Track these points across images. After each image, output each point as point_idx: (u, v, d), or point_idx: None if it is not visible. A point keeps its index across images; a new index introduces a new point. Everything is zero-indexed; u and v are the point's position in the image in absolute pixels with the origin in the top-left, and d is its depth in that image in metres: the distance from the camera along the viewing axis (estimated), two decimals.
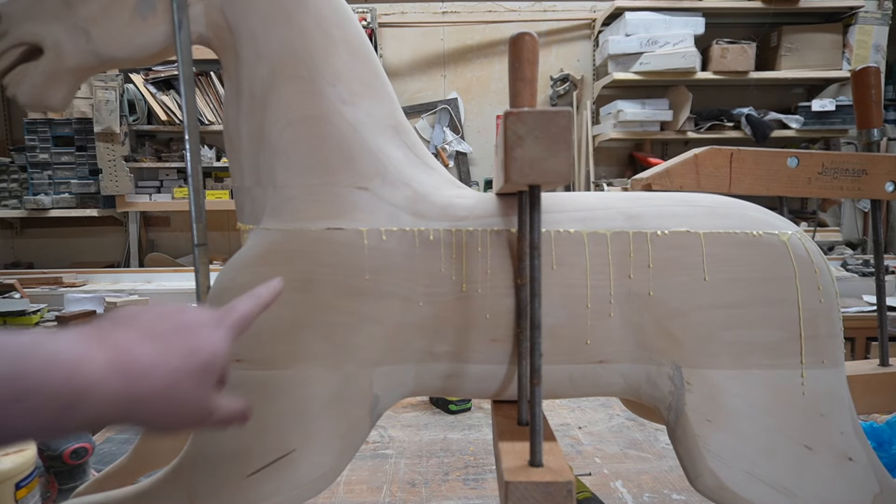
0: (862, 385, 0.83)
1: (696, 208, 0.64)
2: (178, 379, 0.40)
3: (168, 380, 0.39)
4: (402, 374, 0.62)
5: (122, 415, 0.38)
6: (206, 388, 0.42)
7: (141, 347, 0.39)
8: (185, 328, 0.42)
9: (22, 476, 0.74)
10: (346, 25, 0.63)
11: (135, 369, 0.38)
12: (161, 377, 0.39)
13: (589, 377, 0.62)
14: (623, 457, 1.09)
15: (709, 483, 0.60)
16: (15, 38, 0.57)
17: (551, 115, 0.49)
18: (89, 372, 0.36)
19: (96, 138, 2.76)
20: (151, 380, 0.38)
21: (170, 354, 0.40)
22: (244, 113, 0.62)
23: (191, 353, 0.41)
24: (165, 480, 0.59)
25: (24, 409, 0.33)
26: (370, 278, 0.59)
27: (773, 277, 0.61)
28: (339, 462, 0.59)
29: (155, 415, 0.39)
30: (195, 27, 0.61)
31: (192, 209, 0.68)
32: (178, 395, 0.40)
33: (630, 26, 2.70)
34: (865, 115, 0.89)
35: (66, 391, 0.34)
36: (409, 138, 0.66)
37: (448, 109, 3.06)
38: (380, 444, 1.17)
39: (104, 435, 1.22)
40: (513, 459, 0.53)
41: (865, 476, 0.61)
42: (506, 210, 0.63)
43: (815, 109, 2.83)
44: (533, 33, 0.61)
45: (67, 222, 3.06)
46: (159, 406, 0.39)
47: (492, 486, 0.99)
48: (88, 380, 0.35)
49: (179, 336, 0.41)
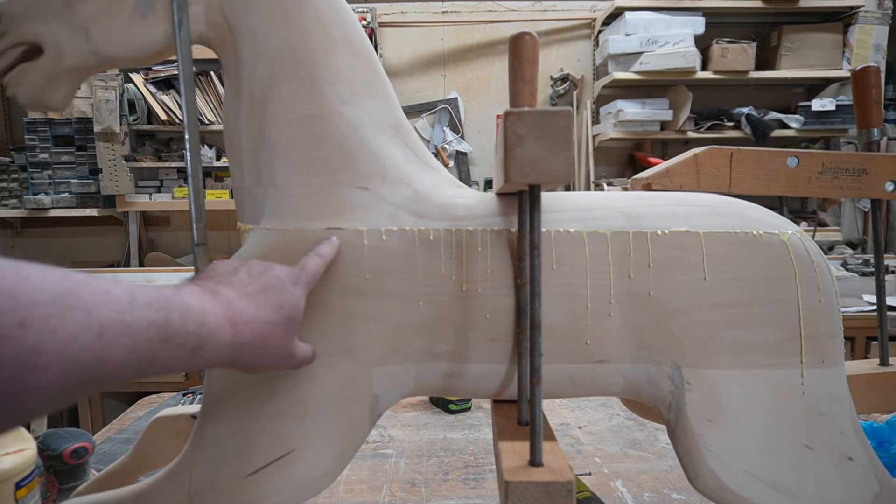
0: (862, 384, 0.83)
1: (697, 208, 0.64)
2: (272, 329, 0.48)
3: (264, 329, 0.48)
4: (403, 374, 0.62)
5: (230, 359, 0.46)
6: (292, 336, 0.51)
7: (241, 303, 0.47)
8: (272, 287, 0.50)
9: (22, 475, 0.74)
10: (346, 25, 0.63)
11: (240, 320, 0.46)
12: (259, 327, 0.47)
13: (589, 377, 0.62)
14: (623, 456, 1.09)
15: (709, 483, 0.60)
16: (15, 37, 0.57)
17: (551, 115, 0.49)
18: (211, 322, 0.43)
19: (96, 138, 2.76)
20: (252, 329, 0.47)
21: (264, 309, 0.48)
22: (244, 112, 0.62)
23: (279, 308, 0.49)
24: (165, 480, 0.59)
25: (168, 349, 0.40)
26: (370, 278, 0.59)
27: (773, 277, 0.61)
28: (339, 462, 0.59)
29: (253, 357, 0.48)
30: (195, 26, 0.61)
31: (192, 209, 0.68)
32: (272, 342, 0.49)
33: (630, 26, 2.70)
34: (865, 114, 0.89)
35: (195, 338, 0.42)
36: (409, 138, 0.66)
37: (448, 109, 3.06)
38: (380, 443, 1.17)
39: (104, 435, 1.22)
40: (513, 459, 0.53)
41: (865, 476, 0.61)
42: (506, 210, 0.63)
43: (815, 109, 2.83)
44: (533, 33, 0.61)
45: (67, 222, 3.06)
46: (257, 350, 0.47)
47: (492, 485, 0.99)
48: (210, 328, 0.43)
49: (269, 294, 0.49)
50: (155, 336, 0.39)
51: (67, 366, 0.33)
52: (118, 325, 0.36)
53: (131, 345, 0.37)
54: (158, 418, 0.81)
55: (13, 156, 2.94)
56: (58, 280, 0.34)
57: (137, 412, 1.36)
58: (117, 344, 0.36)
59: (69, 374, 0.34)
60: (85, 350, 0.34)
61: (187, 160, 0.68)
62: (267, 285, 0.50)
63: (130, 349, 0.37)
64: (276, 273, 0.52)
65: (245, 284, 0.49)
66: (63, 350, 0.33)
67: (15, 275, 0.32)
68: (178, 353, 0.41)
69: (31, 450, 0.76)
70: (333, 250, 0.57)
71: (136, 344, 0.37)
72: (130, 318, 0.37)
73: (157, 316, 0.39)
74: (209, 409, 0.59)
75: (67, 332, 0.33)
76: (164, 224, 3.18)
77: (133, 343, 0.37)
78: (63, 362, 0.33)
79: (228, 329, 0.45)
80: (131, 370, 0.38)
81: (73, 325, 0.34)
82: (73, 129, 2.85)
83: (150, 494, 0.58)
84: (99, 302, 0.36)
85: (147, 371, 0.39)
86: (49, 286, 0.33)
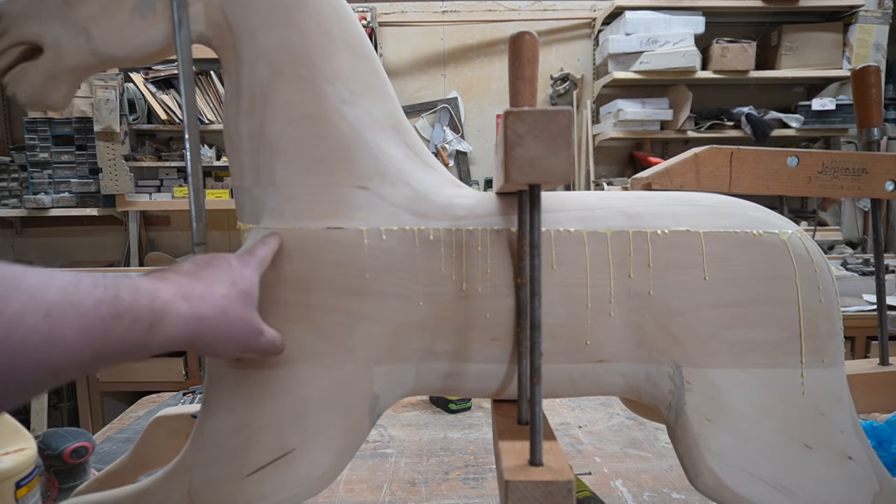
0: (862, 384, 0.83)
1: (697, 207, 0.64)
2: (229, 301, 0.49)
3: (221, 301, 0.48)
4: (402, 374, 0.62)
5: (193, 333, 0.46)
6: (252, 311, 0.51)
7: (191, 282, 0.47)
8: (220, 267, 0.51)
9: (22, 475, 0.74)
10: (345, 24, 0.63)
11: (194, 295, 0.46)
12: (216, 299, 0.48)
13: (589, 376, 0.62)
14: (623, 456, 1.09)
15: (709, 482, 0.60)
16: (14, 37, 0.57)
17: (551, 115, 0.49)
18: (164, 296, 0.43)
19: (96, 137, 2.76)
20: (209, 303, 0.47)
21: (216, 285, 0.49)
22: (244, 112, 0.62)
23: (232, 284, 0.50)
24: (165, 480, 0.59)
25: (122, 325, 0.39)
26: (370, 278, 0.59)
27: (773, 277, 0.61)
28: (338, 461, 0.59)
29: (217, 332, 0.48)
30: (195, 26, 0.61)
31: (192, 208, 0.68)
32: (232, 314, 0.49)
33: (630, 25, 2.70)
34: (865, 114, 0.89)
35: (149, 312, 0.41)
36: (409, 137, 0.66)
37: (448, 109, 3.06)
38: (380, 443, 1.17)
39: (104, 434, 1.22)
40: (513, 458, 0.53)
41: (865, 475, 0.61)
42: (506, 209, 0.63)
43: (815, 108, 2.83)
44: (533, 32, 0.61)
45: (67, 221, 3.06)
46: (219, 324, 0.48)
47: (492, 485, 0.99)
48: (163, 302, 0.43)
49: (218, 273, 0.50)
50: (106, 313, 0.38)
51: (16, 347, 0.33)
52: (65, 306, 0.35)
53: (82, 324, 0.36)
54: (158, 418, 0.81)
55: (13, 155, 2.94)
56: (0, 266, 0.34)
57: (137, 412, 1.36)
58: (67, 324, 0.35)
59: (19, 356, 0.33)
60: (34, 331, 0.33)
61: (187, 160, 0.68)
62: (215, 267, 0.51)
63: (81, 329, 0.36)
64: (223, 257, 0.53)
65: (192, 270, 0.50)
66: (9, 331, 0.32)
67: None
68: (134, 329, 0.40)
69: (31, 449, 0.76)
70: (277, 242, 0.58)
71: (87, 322, 0.37)
72: (77, 297, 0.36)
73: (105, 294, 0.38)
74: (209, 409, 0.59)
75: (12, 311, 0.33)
76: (164, 224, 3.18)
77: (83, 322, 0.36)
78: (11, 344, 0.32)
79: (183, 303, 0.45)
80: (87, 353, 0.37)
81: (17, 306, 0.33)
82: (73, 129, 2.85)
83: (150, 494, 0.58)
84: (41, 284, 0.35)
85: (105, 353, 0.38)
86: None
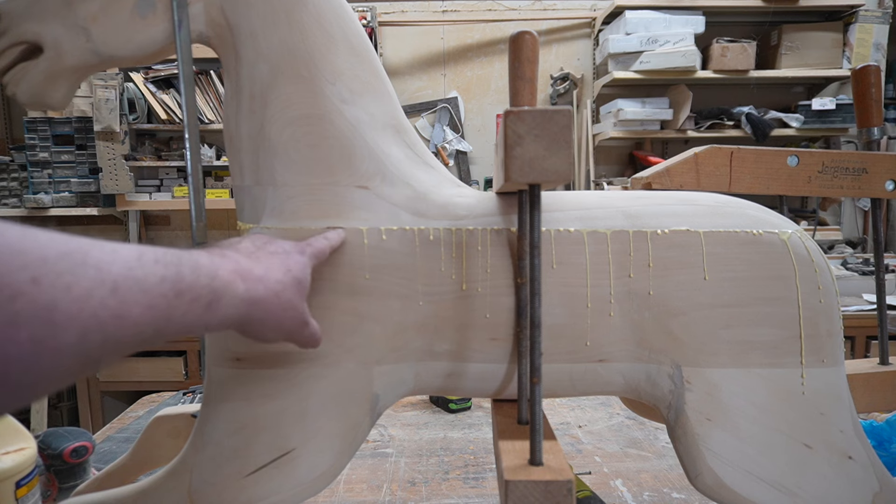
0: (862, 383, 0.83)
1: (696, 207, 0.64)
2: (283, 287, 0.49)
3: (276, 286, 0.48)
4: (403, 373, 0.62)
5: (245, 315, 0.46)
6: (302, 300, 0.51)
7: (250, 262, 0.47)
8: (278, 252, 0.51)
9: (22, 474, 0.74)
10: (345, 24, 0.63)
11: (252, 276, 0.46)
12: (271, 284, 0.48)
13: (589, 376, 0.62)
14: (623, 455, 1.10)
15: (709, 482, 0.60)
16: (14, 36, 0.57)
17: (551, 114, 0.49)
18: (223, 276, 0.43)
19: (96, 137, 2.76)
20: (265, 286, 0.47)
21: (273, 269, 0.49)
22: (244, 112, 0.62)
23: (288, 270, 0.50)
24: (165, 479, 0.59)
25: (182, 303, 0.39)
26: (370, 277, 0.59)
27: (773, 276, 0.61)
28: (339, 461, 0.59)
29: (268, 315, 0.48)
30: (195, 26, 0.61)
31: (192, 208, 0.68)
32: (285, 300, 0.49)
33: (630, 25, 2.70)
34: (866, 113, 0.89)
35: (209, 291, 0.41)
36: (409, 137, 0.66)
37: (448, 108, 3.06)
38: (380, 442, 1.17)
39: (104, 434, 1.22)
40: (513, 458, 0.53)
41: (865, 474, 0.61)
42: (506, 209, 0.63)
43: (815, 108, 2.82)
44: (533, 32, 0.62)
45: (67, 221, 3.06)
46: (271, 309, 0.47)
47: (492, 484, 0.99)
48: (223, 281, 0.43)
49: (275, 258, 0.50)
50: (169, 291, 0.38)
51: (86, 323, 0.32)
52: (130, 282, 0.35)
53: (147, 300, 0.36)
54: (158, 417, 0.81)
55: (13, 155, 2.93)
56: (65, 239, 0.33)
57: (137, 411, 1.36)
58: (133, 300, 0.35)
59: (89, 333, 0.32)
60: (102, 307, 0.33)
61: (187, 159, 0.68)
62: (272, 251, 0.51)
63: (147, 305, 0.36)
64: (280, 243, 0.53)
65: (250, 251, 0.50)
66: (80, 307, 0.32)
67: (21, 234, 0.31)
68: (193, 308, 0.40)
69: (32, 449, 0.76)
70: (340, 238, 0.58)
71: (152, 299, 0.36)
72: (141, 273, 0.36)
73: (168, 271, 0.38)
74: (209, 408, 0.59)
75: (81, 288, 0.32)
76: (164, 223, 3.18)
77: (148, 299, 0.36)
78: (81, 320, 0.32)
79: (241, 283, 0.45)
80: (150, 329, 0.37)
81: (86, 282, 0.32)
82: (72, 128, 2.85)
83: (151, 493, 0.58)
84: (108, 259, 0.34)
85: (165, 330, 0.38)
86: (56, 244, 0.32)
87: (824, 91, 3.03)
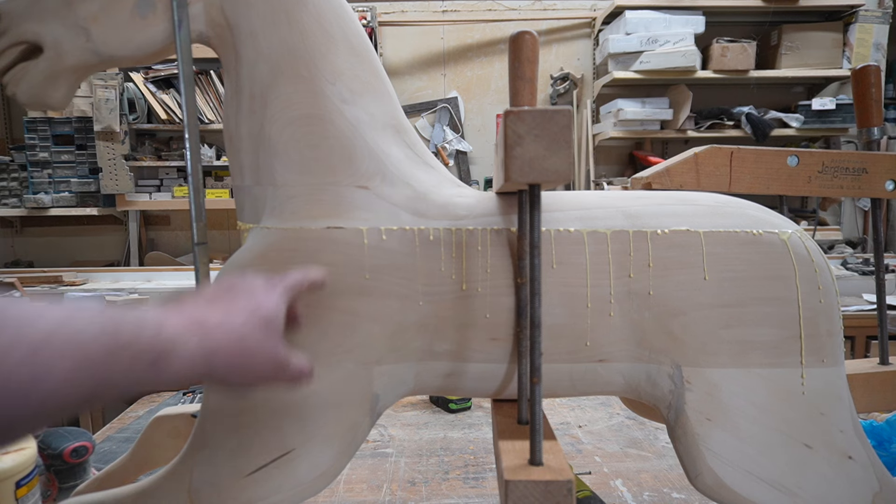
0: (862, 383, 0.83)
1: (696, 207, 0.64)
2: (247, 331, 0.45)
3: (238, 331, 0.45)
4: (403, 373, 0.62)
5: (204, 368, 0.43)
6: (274, 341, 0.47)
7: (208, 310, 0.45)
8: (243, 292, 0.48)
9: (22, 474, 0.74)
10: (346, 24, 0.63)
11: (207, 325, 0.43)
12: (232, 329, 0.44)
13: (589, 376, 0.62)
14: (623, 455, 1.10)
15: (709, 482, 0.60)
16: (15, 36, 0.57)
17: (551, 114, 0.49)
18: (171, 330, 0.41)
19: (96, 137, 2.76)
20: (223, 331, 0.44)
21: (235, 313, 0.45)
22: (244, 112, 0.62)
23: (253, 311, 0.46)
24: (165, 479, 0.59)
25: (124, 359, 0.37)
26: (370, 277, 0.59)
27: (773, 276, 0.61)
28: (339, 461, 0.59)
29: (232, 366, 0.44)
30: (195, 26, 0.61)
31: (192, 208, 0.68)
32: (250, 345, 0.45)
33: (630, 25, 2.70)
34: (865, 113, 0.89)
35: (154, 346, 0.39)
36: (409, 137, 0.66)
37: (448, 108, 3.06)
38: (380, 442, 1.17)
39: (104, 434, 1.22)
40: (513, 458, 0.53)
41: (865, 474, 0.61)
42: (506, 209, 0.63)
43: (815, 108, 2.82)
44: (533, 32, 0.61)
45: (67, 221, 3.06)
46: (235, 357, 0.44)
47: (492, 484, 0.99)
48: (171, 336, 0.41)
49: (240, 299, 0.47)
50: (104, 347, 0.37)
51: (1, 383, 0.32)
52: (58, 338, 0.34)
53: (80, 355, 0.35)
54: (158, 417, 0.81)
55: (13, 155, 2.94)
56: None
57: (137, 411, 1.36)
58: (62, 356, 0.34)
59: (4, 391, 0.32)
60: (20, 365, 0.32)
61: (187, 159, 0.68)
62: (237, 291, 0.48)
63: (80, 359, 0.35)
64: (249, 281, 0.50)
65: (212, 295, 0.47)
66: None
67: None
68: (136, 364, 0.38)
69: (32, 449, 0.76)
70: (320, 276, 0.55)
71: (87, 355, 0.35)
72: (71, 330, 0.35)
73: (106, 328, 0.37)
74: (209, 408, 0.59)
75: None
76: (164, 223, 3.18)
77: (82, 354, 0.35)
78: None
79: (193, 335, 0.42)
80: (87, 385, 0.36)
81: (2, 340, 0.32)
82: (72, 128, 2.85)
83: (151, 493, 0.58)
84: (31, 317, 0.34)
85: (106, 387, 0.37)
86: None
87: (824, 91, 3.03)
